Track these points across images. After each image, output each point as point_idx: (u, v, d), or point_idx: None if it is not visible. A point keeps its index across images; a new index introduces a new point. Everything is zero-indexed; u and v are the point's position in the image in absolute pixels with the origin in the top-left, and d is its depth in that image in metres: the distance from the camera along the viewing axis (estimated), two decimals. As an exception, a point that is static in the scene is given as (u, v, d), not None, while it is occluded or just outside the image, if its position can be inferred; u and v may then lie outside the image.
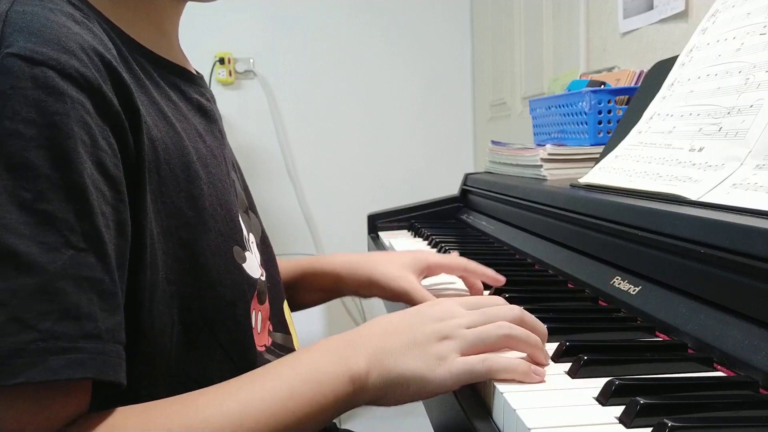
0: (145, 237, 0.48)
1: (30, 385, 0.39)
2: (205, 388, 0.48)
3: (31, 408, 0.40)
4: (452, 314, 0.54)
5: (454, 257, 0.81)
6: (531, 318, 0.55)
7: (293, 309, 0.83)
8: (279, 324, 0.68)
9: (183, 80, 0.61)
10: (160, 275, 0.50)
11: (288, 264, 0.85)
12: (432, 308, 0.55)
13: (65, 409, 0.42)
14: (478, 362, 0.50)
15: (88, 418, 0.43)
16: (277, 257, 0.74)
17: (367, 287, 0.79)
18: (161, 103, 0.55)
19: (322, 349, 0.51)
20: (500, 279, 0.77)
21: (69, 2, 0.49)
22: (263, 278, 0.65)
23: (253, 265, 0.62)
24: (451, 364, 0.50)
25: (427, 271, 0.79)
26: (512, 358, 0.51)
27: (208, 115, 0.64)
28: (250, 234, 0.66)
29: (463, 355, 0.50)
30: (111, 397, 0.44)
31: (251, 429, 0.45)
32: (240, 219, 0.62)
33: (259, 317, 0.63)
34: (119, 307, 0.44)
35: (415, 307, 0.57)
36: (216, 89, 2.46)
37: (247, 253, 0.61)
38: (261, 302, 0.63)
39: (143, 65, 0.55)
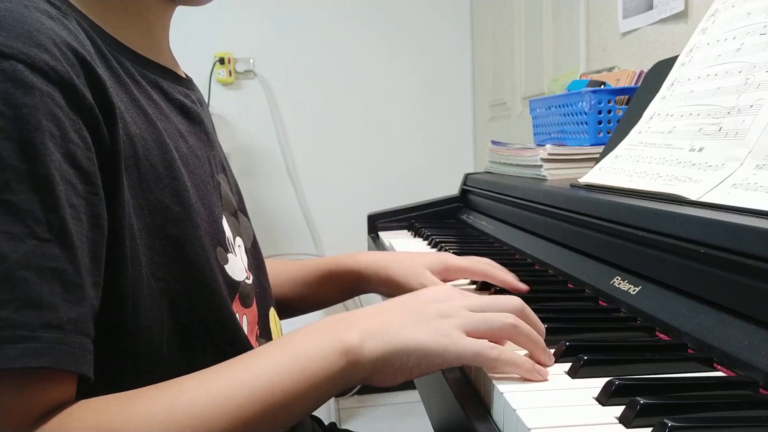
0: (124, 232, 0.48)
1: None
2: (191, 373, 0.47)
3: (2, 395, 0.40)
4: (453, 296, 0.54)
5: (475, 260, 0.78)
6: (532, 312, 0.55)
7: (314, 308, 0.84)
8: (264, 330, 0.67)
9: (166, 80, 0.61)
10: (144, 271, 0.50)
11: (309, 264, 0.85)
12: (432, 291, 0.55)
13: (42, 398, 0.41)
14: (488, 347, 0.49)
15: (69, 405, 0.43)
16: (290, 259, 0.73)
17: (386, 286, 0.78)
18: (141, 101, 0.54)
19: (313, 326, 0.50)
20: (522, 287, 0.74)
21: (47, 0, 0.49)
22: (249, 281, 0.64)
23: (235, 267, 0.61)
24: (459, 340, 0.49)
25: (446, 273, 0.78)
26: (518, 353, 0.50)
27: (192, 116, 0.63)
28: (237, 237, 0.66)
29: (466, 335, 0.50)
30: (97, 391, 0.44)
31: (237, 407, 0.44)
32: (223, 221, 0.62)
33: (245, 320, 0.62)
34: (85, 299, 0.43)
35: (413, 292, 0.56)
36: (216, 89, 2.46)
37: (229, 255, 0.61)
38: (246, 306, 0.63)
39: (123, 63, 0.55)
